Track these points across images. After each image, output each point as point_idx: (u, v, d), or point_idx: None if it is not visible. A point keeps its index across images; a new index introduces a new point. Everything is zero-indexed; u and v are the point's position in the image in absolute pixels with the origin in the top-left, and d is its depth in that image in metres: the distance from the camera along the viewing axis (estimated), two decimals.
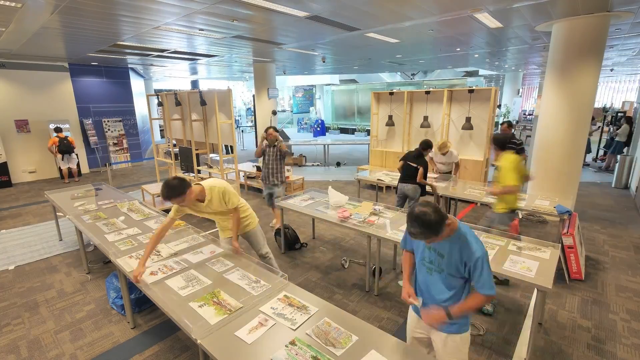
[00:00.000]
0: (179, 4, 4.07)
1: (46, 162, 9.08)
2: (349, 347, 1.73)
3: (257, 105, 10.50)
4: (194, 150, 5.57)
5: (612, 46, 7.75)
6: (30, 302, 3.47)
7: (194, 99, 5.57)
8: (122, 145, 10.41)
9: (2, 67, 8.16)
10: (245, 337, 1.82)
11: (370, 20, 5.02)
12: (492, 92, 6.07)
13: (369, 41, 6.70)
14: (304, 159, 10.55)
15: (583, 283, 3.66)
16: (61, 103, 9.20)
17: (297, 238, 4.57)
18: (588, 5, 4.27)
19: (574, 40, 4.80)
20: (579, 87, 4.88)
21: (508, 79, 16.10)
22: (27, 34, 5.56)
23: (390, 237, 3.16)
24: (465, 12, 4.64)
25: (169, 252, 2.84)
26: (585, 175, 8.44)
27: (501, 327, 2.97)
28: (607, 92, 21.49)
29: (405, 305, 3.28)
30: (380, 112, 8.12)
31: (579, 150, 5.14)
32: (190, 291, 2.27)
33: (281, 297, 2.18)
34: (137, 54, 8.10)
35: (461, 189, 4.89)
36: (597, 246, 4.56)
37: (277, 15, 4.68)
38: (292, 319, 1.96)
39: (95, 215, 3.84)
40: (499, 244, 2.94)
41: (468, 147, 6.71)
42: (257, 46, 7.16)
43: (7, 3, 3.90)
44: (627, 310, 3.21)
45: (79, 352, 2.74)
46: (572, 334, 2.89)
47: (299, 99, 20.56)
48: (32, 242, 4.96)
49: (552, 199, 4.32)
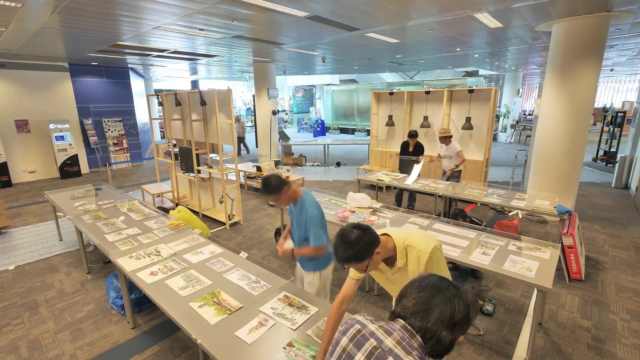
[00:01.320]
0: (179, 4, 4.07)
1: (46, 162, 9.09)
2: None
3: (257, 105, 10.50)
4: (194, 150, 5.57)
5: (612, 46, 7.75)
6: (30, 302, 3.47)
7: (194, 99, 5.57)
8: (122, 145, 10.40)
9: (2, 67, 8.17)
10: (245, 337, 1.82)
11: (370, 20, 5.02)
12: (492, 92, 6.07)
13: (369, 41, 6.70)
14: (304, 159, 10.55)
15: (583, 283, 3.66)
16: (61, 103, 9.21)
17: None
18: (588, 5, 4.27)
19: (574, 40, 4.80)
20: (579, 87, 4.88)
21: (508, 79, 16.08)
22: (27, 34, 5.56)
23: None
24: (465, 12, 4.63)
25: (169, 252, 2.84)
26: (585, 175, 8.44)
27: (501, 327, 2.97)
28: (607, 92, 21.48)
29: None
30: (380, 112, 8.12)
31: (579, 150, 5.13)
32: (190, 291, 2.27)
33: (281, 297, 2.18)
34: (137, 54, 8.10)
35: (461, 188, 4.89)
36: (597, 246, 4.56)
37: (277, 15, 4.68)
38: (292, 318, 1.96)
39: (95, 215, 3.84)
40: (499, 244, 2.94)
41: (468, 147, 6.71)
42: (257, 46, 7.16)
43: (7, 3, 3.90)
44: (627, 310, 3.21)
45: (79, 352, 2.74)
46: (572, 334, 2.89)
47: (299, 99, 20.56)
48: (32, 242, 4.96)
49: (552, 199, 4.31)
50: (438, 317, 0.98)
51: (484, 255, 2.74)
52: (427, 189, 4.83)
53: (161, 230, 3.37)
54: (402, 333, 1.00)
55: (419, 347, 0.97)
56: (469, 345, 2.74)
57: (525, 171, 6.53)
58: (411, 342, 0.98)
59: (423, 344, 0.98)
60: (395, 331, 1.01)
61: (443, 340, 0.97)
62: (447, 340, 0.97)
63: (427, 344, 0.98)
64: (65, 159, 9.00)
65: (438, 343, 0.97)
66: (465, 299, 1.01)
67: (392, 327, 1.02)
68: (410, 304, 1.02)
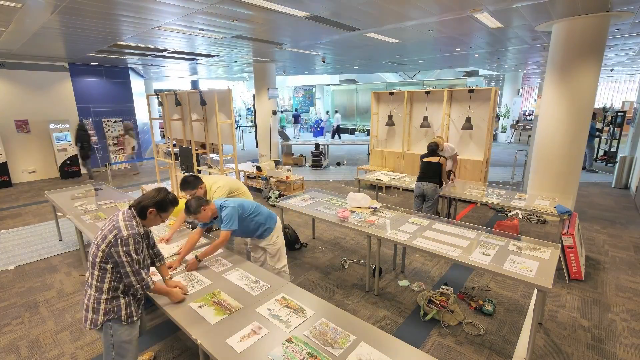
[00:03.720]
0: (179, 4, 4.07)
1: (46, 162, 9.09)
2: (347, 346, 1.74)
3: (257, 105, 10.50)
4: (194, 150, 5.57)
5: (612, 46, 7.75)
6: (30, 302, 3.47)
7: (194, 99, 5.57)
8: (122, 145, 10.40)
9: (2, 67, 8.16)
10: (236, 345, 1.81)
11: (370, 20, 5.02)
12: (492, 92, 6.07)
13: (369, 41, 6.70)
14: (304, 159, 10.54)
15: (583, 283, 3.66)
16: (61, 103, 9.20)
17: (297, 238, 4.57)
18: (588, 5, 4.27)
19: (574, 40, 4.80)
20: (579, 87, 4.88)
21: (508, 79, 16.08)
22: (27, 34, 5.56)
23: (390, 237, 3.16)
24: (465, 12, 4.63)
25: (169, 252, 2.84)
26: (585, 175, 8.44)
27: (501, 327, 2.97)
28: (607, 92, 21.47)
29: (405, 305, 3.29)
30: (380, 112, 8.12)
31: (579, 150, 5.13)
32: (190, 291, 2.27)
33: (279, 298, 2.18)
34: (137, 54, 8.10)
35: (461, 189, 4.89)
36: (597, 246, 4.56)
37: (277, 15, 4.68)
38: (287, 321, 1.95)
39: (95, 215, 3.84)
40: (499, 244, 2.95)
41: (468, 147, 6.71)
42: (257, 46, 7.16)
43: (7, 3, 3.90)
44: (627, 310, 3.21)
45: (78, 352, 2.74)
46: (572, 334, 2.88)
47: (299, 99, 20.55)
48: (32, 242, 4.96)
49: (552, 199, 4.32)
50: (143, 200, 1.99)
51: (484, 255, 2.75)
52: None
53: (161, 230, 3.37)
54: (126, 212, 1.97)
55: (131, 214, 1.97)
56: (469, 345, 2.74)
57: (525, 171, 6.53)
58: (128, 213, 1.96)
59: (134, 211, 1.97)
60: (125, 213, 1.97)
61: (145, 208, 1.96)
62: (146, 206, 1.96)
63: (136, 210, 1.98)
64: (65, 159, 9.00)
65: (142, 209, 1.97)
66: (165, 194, 2.02)
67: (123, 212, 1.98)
68: (139, 200, 2.01)
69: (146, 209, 1.95)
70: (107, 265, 1.85)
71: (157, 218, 2.01)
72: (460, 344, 2.76)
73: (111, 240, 1.82)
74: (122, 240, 1.83)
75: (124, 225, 1.87)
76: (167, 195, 2.02)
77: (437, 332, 2.89)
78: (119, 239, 1.83)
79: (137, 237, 1.89)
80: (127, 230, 1.86)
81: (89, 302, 1.89)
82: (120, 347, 1.94)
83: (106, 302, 1.87)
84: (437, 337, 2.84)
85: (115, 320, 1.90)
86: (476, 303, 3.21)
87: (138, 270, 1.90)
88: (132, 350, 1.99)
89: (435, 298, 3.17)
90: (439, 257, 3.14)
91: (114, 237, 1.83)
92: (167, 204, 2.01)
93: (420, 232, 3.26)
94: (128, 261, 1.84)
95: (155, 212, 1.98)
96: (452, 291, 3.30)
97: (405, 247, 3.75)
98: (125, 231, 1.85)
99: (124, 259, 1.83)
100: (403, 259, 3.97)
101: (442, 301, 3.12)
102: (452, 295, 3.23)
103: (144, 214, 1.96)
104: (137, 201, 1.98)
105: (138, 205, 1.96)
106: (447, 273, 3.91)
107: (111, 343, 1.91)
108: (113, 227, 1.87)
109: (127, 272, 1.86)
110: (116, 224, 1.88)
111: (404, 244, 3.07)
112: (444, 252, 2.83)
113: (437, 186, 4.47)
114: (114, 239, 1.83)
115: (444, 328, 2.94)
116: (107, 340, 1.92)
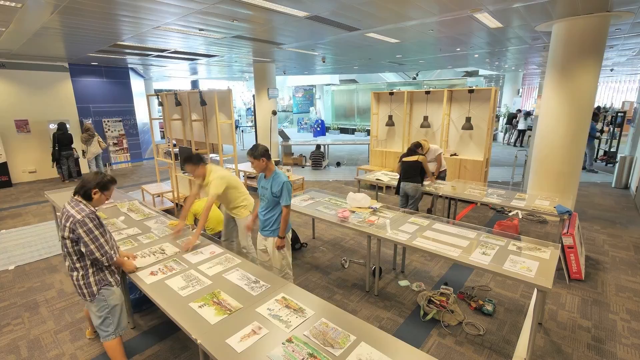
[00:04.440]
0: (179, 4, 4.06)
1: (46, 162, 9.09)
2: (347, 346, 1.74)
3: (257, 105, 10.50)
4: (193, 151, 5.56)
5: (612, 46, 7.75)
6: (30, 302, 3.47)
7: (194, 99, 5.56)
8: (122, 145, 10.40)
9: (2, 67, 8.17)
10: (236, 345, 1.82)
11: (370, 20, 5.02)
12: (492, 92, 6.07)
13: (369, 41, 6.70)
14: (303, 159, 10.54)
15: (583, 283, 3.66)
16: (61, 103, 9.21)
17: (297, 238, 4.57)
18: (588, 5, 4.27)
19: (574, 40, 4.80)
20: (579, 87, 4.88)
21: (508, 79, 16.09)
22: (27, 34, 5.56)
23: (390, 237, 3.16)
24: (465, 12, 4.63)
25: (170, 253, 2.84)
26: (585, 175, 8.44)
27: (501, 327, 2.97)
28: (607, 92, 21.47)
29: (405, 305, 3.29)
30: (380, 112, 8.12)
31: (579, 150, 5.13)
32: (190, 291, 2.27)
33: (279, 298, 2.18)
34: (137, 54, 8.10)
35: (461, 189, 4.89)
36: (597, 246, 4.56)
37: (277, 15, 4.68)
38: (287, 321, 1.95)
39: None
40: (499, 244, 2.95)
41: (468, 147, 6.72)
42: (257, 46, 7.16)
43: (7, 3, 3.90)
44: (627, 310, 3.21)
45: (79, 352, 2.74)
46: (572, 334, 2.89)
47: (299, 99, 20.55)
48: (32, 242, 4.96)
49: (552, 199, 4.32)
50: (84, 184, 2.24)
51: (484, 255, 2.75)
52: (428, 189, 4.84)
53: (160, 230, 3.38)
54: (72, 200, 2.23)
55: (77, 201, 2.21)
56: (469, 345, 2.74)
57: (525, 171, 6.53)
58: (74, 200, 2.22)
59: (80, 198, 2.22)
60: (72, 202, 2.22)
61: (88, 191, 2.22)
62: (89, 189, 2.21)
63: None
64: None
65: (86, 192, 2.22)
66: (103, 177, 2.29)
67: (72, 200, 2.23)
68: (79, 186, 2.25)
69: (90, 190, 2.21)
70: (79, 247, 2.15)
71: (101, 197, 2.27)
72: (460, 344, 2.76)
73: (70, 227, 2.09)
74: (79, 223, 2.09)
75: (75, 211, 2.13)
76: (105, 176, 2.31)
77: (437, 332, 2.89)
78: (76, 223, 2.09)
79: (91, 215, 2.16)
80: (79, 214, 2.11)
81: (78, 282, 2.21)
82: (114, 309, 2.31)
83: (94, 275, 2.22)
84: (437, 337, 2.84)
85: (107, 287, 2.27)
86: (476, 303, 3.21)
87: (101, 244, 2.17)
88: (123, 311, 2.39)
89: (435, 298, 3.17)
90: (439, 257, 3.14)
91: (72, 224, 2.09)
92: (107, 183, 2.29)
93: (420, 232, 3.26)
94: (91, 239, 2.12)
95: (99, 192, 2.24)
96: (452, 291, 3.30)
97: (405, 247, 3.75)
98: (78, 215, 2.11)
99: (86, 237, 2.11)
100: (403, 259, 3.97)
101: (442, 301, 3.12)
102: (452, 295, 3.23)
103: (89, 196, 2.22)
104: (79, 186, 2.23)
105: (82, 189, 2.21)
106: (447, 273, 3.91)
107: (106, 307, 2.27)
108: (67, 217, 2.12)
109: (92, 250, 2.14)
110: (68, 213, 2.13)
111: (404, 244, 3.07)
112: (444, 252, 2.83)
113: (419, 185, 4.63)
114: (72, 225, 2.09)
115: (444, 328, 2.94)
116: (102, 307, 2.26)
